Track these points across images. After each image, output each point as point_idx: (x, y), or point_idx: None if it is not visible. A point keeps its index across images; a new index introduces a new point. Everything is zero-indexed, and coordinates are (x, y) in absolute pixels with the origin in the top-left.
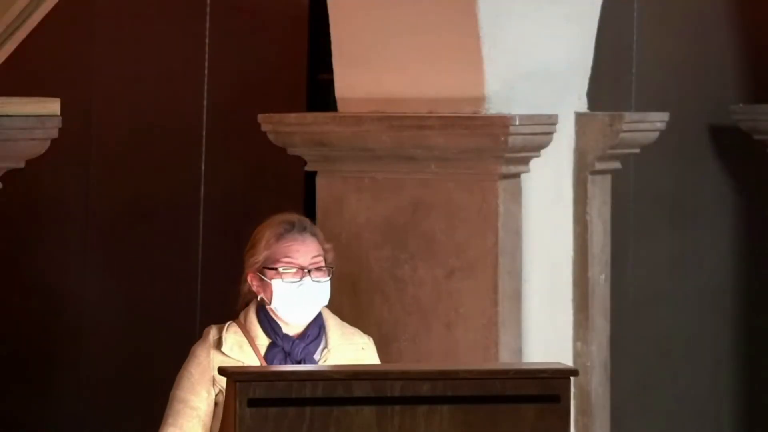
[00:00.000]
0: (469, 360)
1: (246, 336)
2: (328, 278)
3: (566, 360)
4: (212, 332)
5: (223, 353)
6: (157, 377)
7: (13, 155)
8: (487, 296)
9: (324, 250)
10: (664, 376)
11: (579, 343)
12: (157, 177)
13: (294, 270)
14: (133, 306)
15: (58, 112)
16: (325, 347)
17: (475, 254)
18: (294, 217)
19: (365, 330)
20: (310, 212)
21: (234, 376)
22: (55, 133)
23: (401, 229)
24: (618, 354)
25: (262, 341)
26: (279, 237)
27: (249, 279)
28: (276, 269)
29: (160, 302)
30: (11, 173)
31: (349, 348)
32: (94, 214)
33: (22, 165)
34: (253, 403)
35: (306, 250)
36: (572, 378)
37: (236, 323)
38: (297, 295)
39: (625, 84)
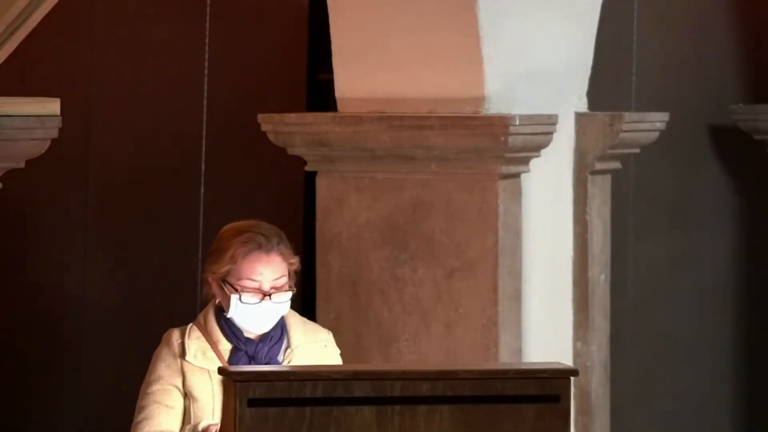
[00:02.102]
0: (469, 360)
1: (208, 341)
2: (289, 294)
3: (566, 360)
4: (174, 337)
5: (188, 361)
6: None
7: (13, 155)
8: (487, 296)
9: (289, 264)
10: (664, 376)
11: (579, 343)
12: (156, 177)
13: (255, 287)
14: (133, 306)
15: (58, 112)
16: (288, 347)
17: (475, 254)
18: (264, 230)
19: (365, 329)
20: (310, 212)
21: (234, 376)
22: (55, 133)
23: (401, 229)
24: (618, 354)
25: (225, 346)
26: (245, 255)
27: (209, 281)
28: (237, 287)
29: (160, 302)
30: (11, 173)
31: (312, 346)
32: (94, 214)
33: (22, 165)
34: (253, 403)
35: (270, 271)
36: (572, 378)
37: (197, 326)
38: (254, 313)
39: (625, 84)
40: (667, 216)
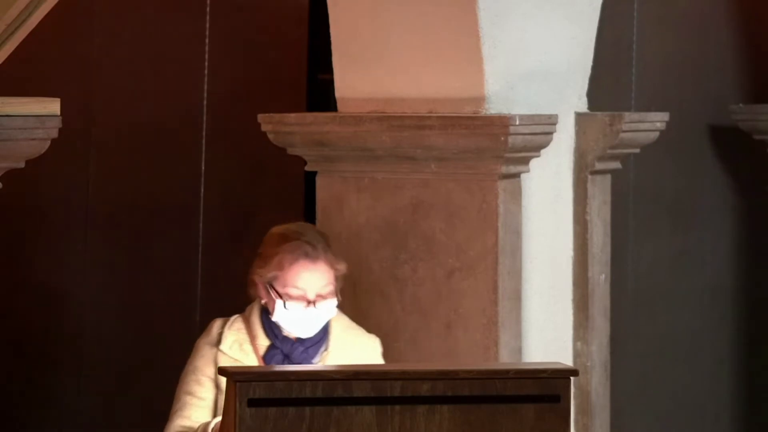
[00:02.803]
0: (469, 360)
1: (248, 334)
2: (334, 300)
3: (566, 360)
4: (215, 327)
5: (222, 351)
6: (157, 377)
7: (13, 155)
8: (487, 296)
9: (336, 270)
10: (664, 376)
11: (579, 343)
12: (157, 177)
13: (299, 295)
14: (133, 306)
15: (58, 112)
16: (325, 350)
17: (475, 254)
18: (311, 237)
19: (365, 329)
20: (310, 212)
21: (234, 376)
22: (55, 133)
23: (401, 229)
24: (618, 354)
25: (263, 341)
26: (291, 263)
27: (255, 282)
28: (282, 294)
29: (160, 302)
30: (11, 173)
31: (351, 351)
32: (94, 214)
33: (22, 165)
34: (253, 403)
35: (316, 279)
36: (572, 378)
37: (241, 318)
38: (299, 318)
39: (625, 84)
40: (667, 216)
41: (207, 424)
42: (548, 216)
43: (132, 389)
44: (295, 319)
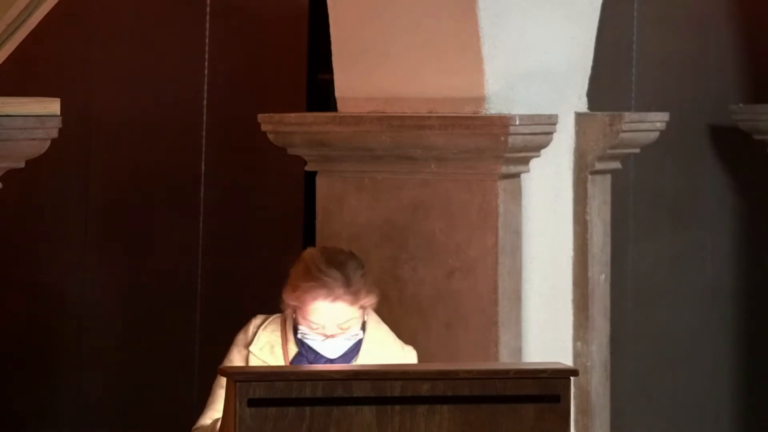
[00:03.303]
0: (469, 360)
1: (282, 336)
2: (357, 330)
3: (566, 360)
4: (253, 325)
5: (252, 352)
6: (157, 376)
7: (13, 155)
8: (487, 296)
9: (360, 307)
10: (664, 376)
11: (579, 343)
12: (157, 177)
13: (319, 329)
14: (133, 306)
15: (58, 112)
16: (355, 360)
17: (475, 254)
18: (333, 274)
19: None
20: (310, 212)
21: (234, 376)
22: (55, 133)
23: (401, 229)
24: (618, 354)
25: (293, 346)
26: (310, 302)
27: (284, 299)
28: (303, 323)
29: (160, 302)
30: (11, 173)
31: (378, 361)
32: (94, 214)
33: (22, 165)
34: (253, 403)
35: (334, 317)
36: (572, 378)
37: (280, 319)
38: (321, 345)
39: (625, 84)
40: (667, 216)
41: (216, 421)
42: (548, 216)
43: (132, 389)
44: (315, 344)
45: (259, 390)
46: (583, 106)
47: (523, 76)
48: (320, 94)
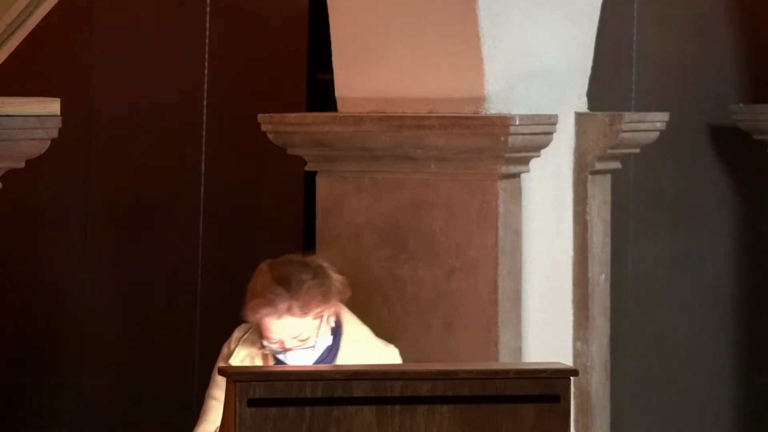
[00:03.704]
0: (469, 360)
1: (261, 347)
2: (313, 340)
3: (566, 360)
4: (234, 337)
5: (231, 366)
6: (157, 377)
7: (13, 155)
8: (487, 296)
9: (315, 315)
10: (664, 376)
11: (579, 343)
12: (157, 177)
13: (277, 344)
14: (132, 306)
15: (58, 112)
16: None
17: (475, 254)
18: (278, 290)
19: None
20: (310, 212)
21: (234, 376)
22: (55, 133)
23: (401, 229)
24: (618, 354)
25: (271, 359)
26: (260, 320)
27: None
28: (263, 336)
29: (159, 302)
30: (11, 173)
31: (359, 362)
32: (94, 214)
33: (22, 165)
34: (253, 403)
35: (285, 331)
36: (572, 378)
37: (257, 331)
38: (287, 358)
39: (625, 84)
40: (667, 216)
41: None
42: (548, 216)
43: (132, 389)
44: (282, 357)
45: (259, 390)
46: (583, 106)
47: (523, 76)
48: (320, 94)
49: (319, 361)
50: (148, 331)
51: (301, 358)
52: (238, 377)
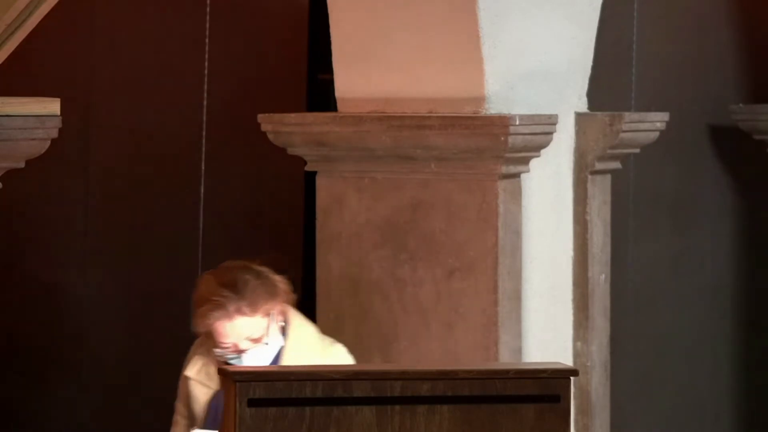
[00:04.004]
0: (469, 360)
1: (213, 357)
2: (277, 337)
3: (566, 360)
4: (192, 349)
5: (188, 377)
6: (157, 377)
7: (13, 155)
8: (487, 296)
9: (265, 314)
10: (664, 376)
11: (579, 343)
12: (156, 177)
13: (230, 347)
14: (132, 306)
15: (58, 112)
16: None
17: (475, 254)
18: (226, 293)
19: (365, 330)
20: (310, 212)
21: (234, 376)
22: (55, 133)
23: (401, 229)
24: (618, 354)
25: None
26: (210, 324)
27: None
28: (216, 344)
29: (159, 302)
30: (11, 173)
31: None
32: (94, 213)
33: (22, 165)
34: (253, 403)
35: (238, 332)
36: (572, 378)
37: (206, 345)
38: (241, 362)
39: (625, 84)
40: (667, 216)
41: None
42: (548, 216)
43: (132, 389)
44: (236, 362)
45: (259, 390)
46: (583, 106)
47: (523, 76)
48: (320, 94)
49: (273, 362)
50: (147, 331)
51: (257, 358)
52: (238, 377)
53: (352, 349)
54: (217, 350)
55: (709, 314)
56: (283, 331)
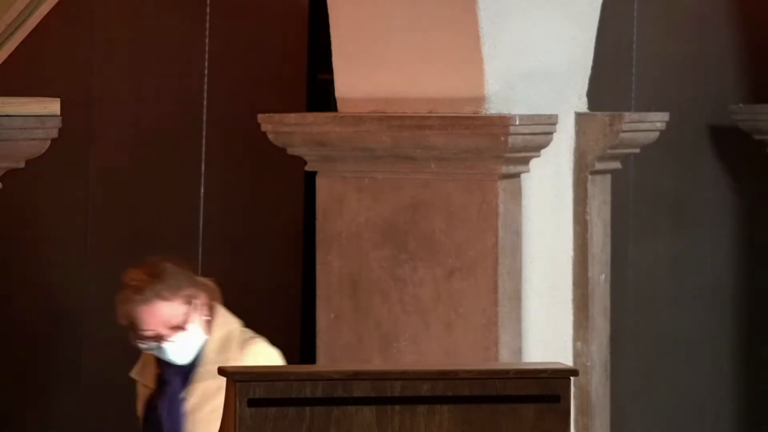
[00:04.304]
0: (469, 360)
1: (153, 358)
2: (186, 330)
3: (566, 360)
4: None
5: (133, 377)
6: None
7: (13, 155)
8: (487, 296)
9: (183, 299)
10: (664, 376)
11: (579, 343)
12: (157, 176)
13: (151, 335)
14: None
15: (58, 112)
16: (194, 380)
17: (475, 254)
18: (138, 281)
19: (365, 329)
20: (310, 212)
21: (234, 376)
22: (55, 133)
23: (401, 229)
24: (618, 354)
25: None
26: (129, 312)
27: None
28: (138, 336)
29: None
30: (11, 173)
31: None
32: (94, 213)
33: (22, 165)
34: (253, 403)
35: (156, 319)
36: (572, 378)
37: None
38: (164, 353)
39: (625, 84)
40: (667, 216)
41: None
42: (548, 216)
43: (132, 390)
44: (161, 354)
45: (259, 390)
46: (583, 106)
47: (523, 76)
48: (320, 94)
49: (197, 355)
50: None
51: (180, 348)
52: (238, 377)
53: (353, 349)
54: (139, 342)
55: (709, 314)
56: (209, 326)
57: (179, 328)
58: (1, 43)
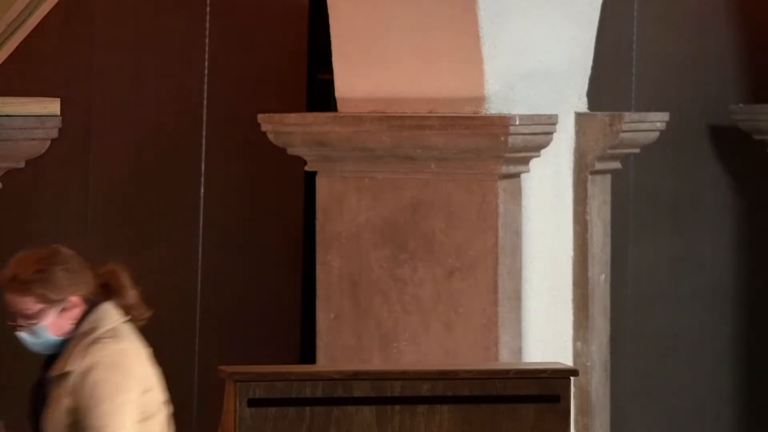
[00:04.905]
0: (469, 360)
1: None
2: (40, 325)
3: (566, 360)
4: None
5: None
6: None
7: (13, 155)
8: (487, 296)
9: (37, 296)
10: (664, 376)
11: (579, 343)
12: (156, 176)
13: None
14: None
15: (58, 112)
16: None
17: (475, 254)
18: (10, 269)
19: (365, 329)
20: (310, 212)
21: (234, 376)
22: (55, 133)
23: (401, 229)
24: (618, 354)
25: None
26: None
27: None
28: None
29: (159, 302)
30: (11, 173)
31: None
32: (94, 213)
33: (22, 165)
34: (253, 403)
35: (14, 305)
36: (572, 378)
37: None
38: (22, 339)
39: (625, 84)
40: (667, 216)
41: None
42: (548, 216)
43: None
44: (20, 336)
45: (259, 390)
46: (583, 106)
47: (523, 76)
48: (320, 94)
49: (59, 350)
50: (147, 331)
51: (33, 339)
52: (238, 377)
53: (353, 349)
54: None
55: (709, 314)
56: (77, 323)
57: (30, 323)
58: (1, 43)
